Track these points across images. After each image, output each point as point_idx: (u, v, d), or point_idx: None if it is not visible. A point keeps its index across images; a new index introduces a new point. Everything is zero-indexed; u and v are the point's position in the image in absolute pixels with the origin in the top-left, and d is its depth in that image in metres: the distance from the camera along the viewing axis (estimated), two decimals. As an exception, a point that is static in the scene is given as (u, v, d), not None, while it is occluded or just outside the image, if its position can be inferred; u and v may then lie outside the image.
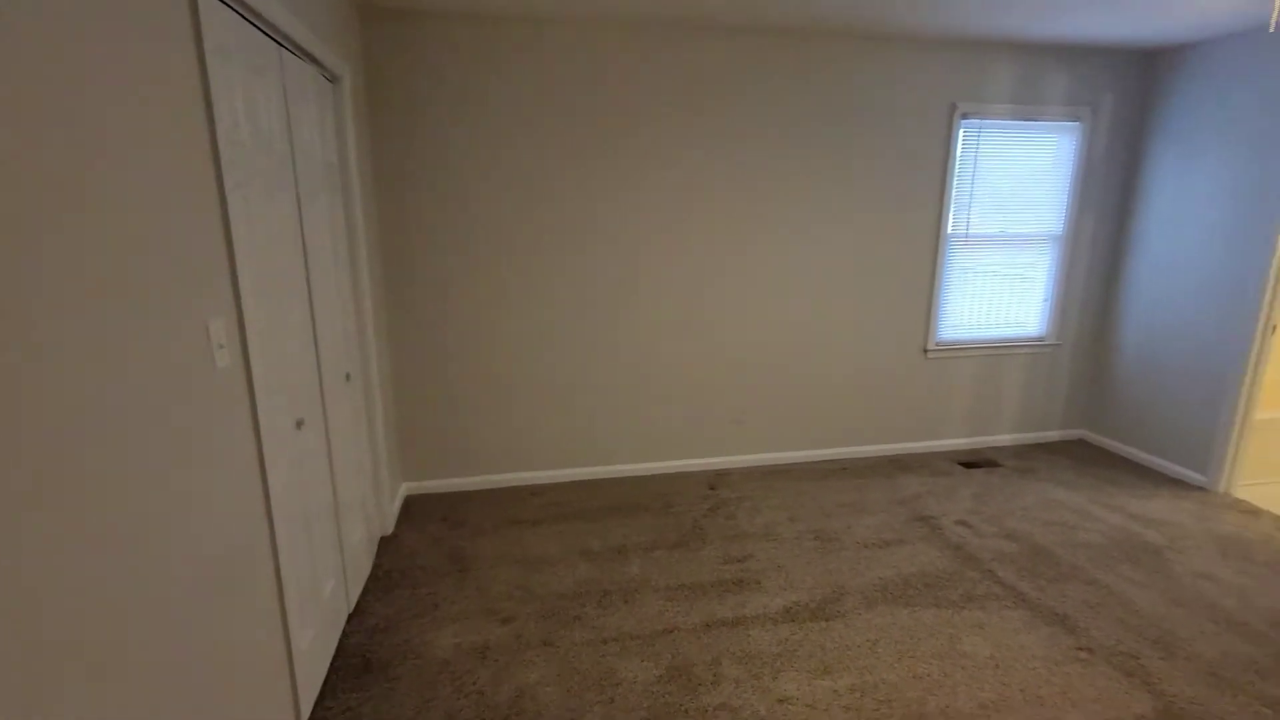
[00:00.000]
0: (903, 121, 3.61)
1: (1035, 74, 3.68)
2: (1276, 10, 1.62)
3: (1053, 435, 4.35)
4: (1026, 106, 3.71)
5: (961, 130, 3.68)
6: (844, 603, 2.58)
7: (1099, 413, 4.26)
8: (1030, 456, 4.09)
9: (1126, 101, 3.85)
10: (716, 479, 3.75)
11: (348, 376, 2.57)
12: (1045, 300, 4.10)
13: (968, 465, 3.96)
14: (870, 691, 2.11)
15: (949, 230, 3.82)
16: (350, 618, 2.47)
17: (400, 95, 3.08)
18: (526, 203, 3.32)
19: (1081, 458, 4.07)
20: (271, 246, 1.84)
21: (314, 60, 2.25)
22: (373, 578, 2.75)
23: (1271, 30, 3.06)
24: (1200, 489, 3.62)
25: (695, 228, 3.53)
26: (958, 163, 3.73)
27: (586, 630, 2.42)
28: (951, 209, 3.79)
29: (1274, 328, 3.37)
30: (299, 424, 1.99)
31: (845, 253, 3.74)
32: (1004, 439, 4.27)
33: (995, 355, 4.10)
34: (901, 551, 2.96)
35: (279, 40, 1.95)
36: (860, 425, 4.04)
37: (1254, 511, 3.36)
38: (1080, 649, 2.32)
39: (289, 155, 2.01)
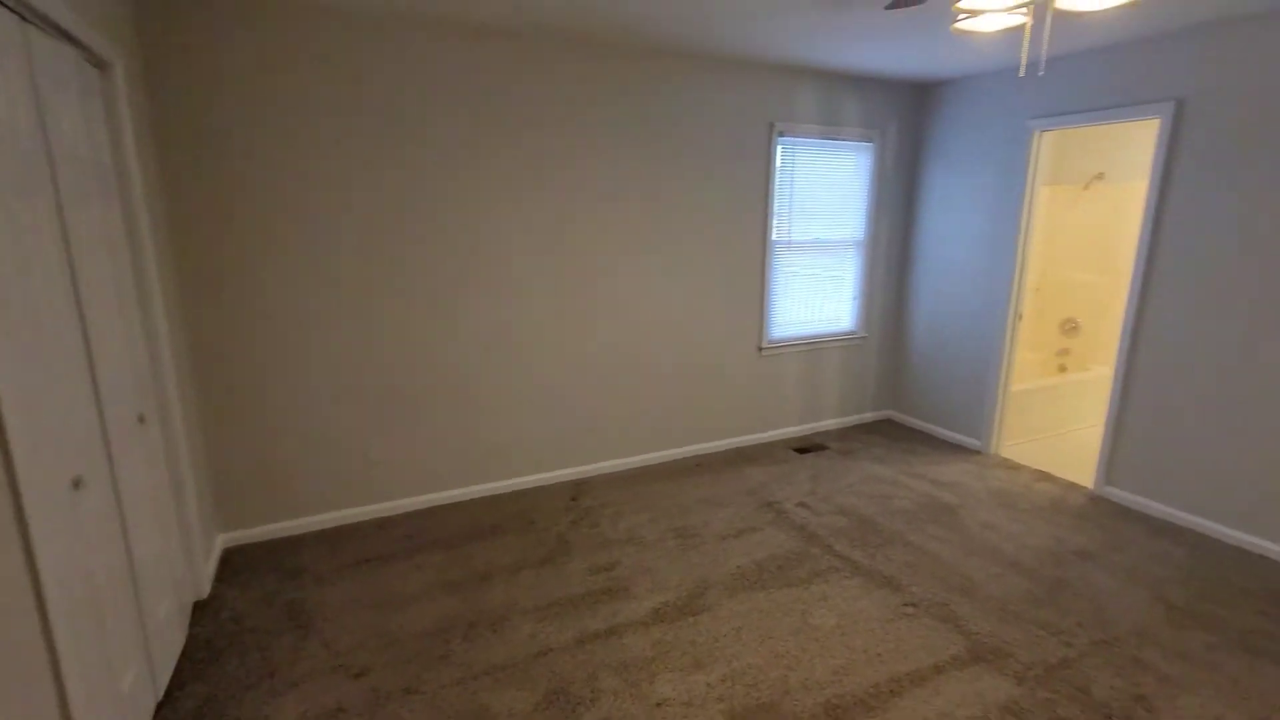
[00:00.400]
0: (732, 136, 3.88)
1: (836, 99, 4.15)
2: (1024, 57, 2.00)
3: (868, 417, 4.94)
4: (830, 127, 4.17)
5: (780, 146, 4.04)
6: (708, 596, 2.70)
7: (901, 394, 4.93)
8: (851, 438, 4.60)
9: (907, 126, 4.49)
10: (578, 489, 3.74)
11: (141, 418, 2.16)
12: (854, 299, 4.64)
13: (801, 451, 4.35)
14: (739, 678, 2.23)
15: (774, 237, 4.17)
16: (160, 707, 2.08)
17: (193, 87, 2.66)
18: (346, 211, 3.04)
19: (890, 435, 4.67)
20: (25, 264, 1.49)
21: (73, 40, 1.85)
22: (188, 652, 2.34)
23: (1021, 75, 3.73)
24: (978, 452, 4.33)
25: (543, 236, 3.48)
26: (777, 175, 4.08)
27: (454, 668, 2.27)
28: (775, 218, 4.14)
29: (1020, 315, 4.12)
30: (76, 483, 1.63)
31: (688, 260, 3.92)
32: (829, 424, 4.76)
33: (816, 349, 4.56)
34: (754, 539, 3.17)
35: (21, 13, 1.57)
36: (709, 422, 4.26)
37: (1015, 467, 4.10)
38: (906, 605, 2.65)
39: (44, 153, 1.64)
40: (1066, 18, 2.88)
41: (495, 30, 3.13)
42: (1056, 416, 4.71)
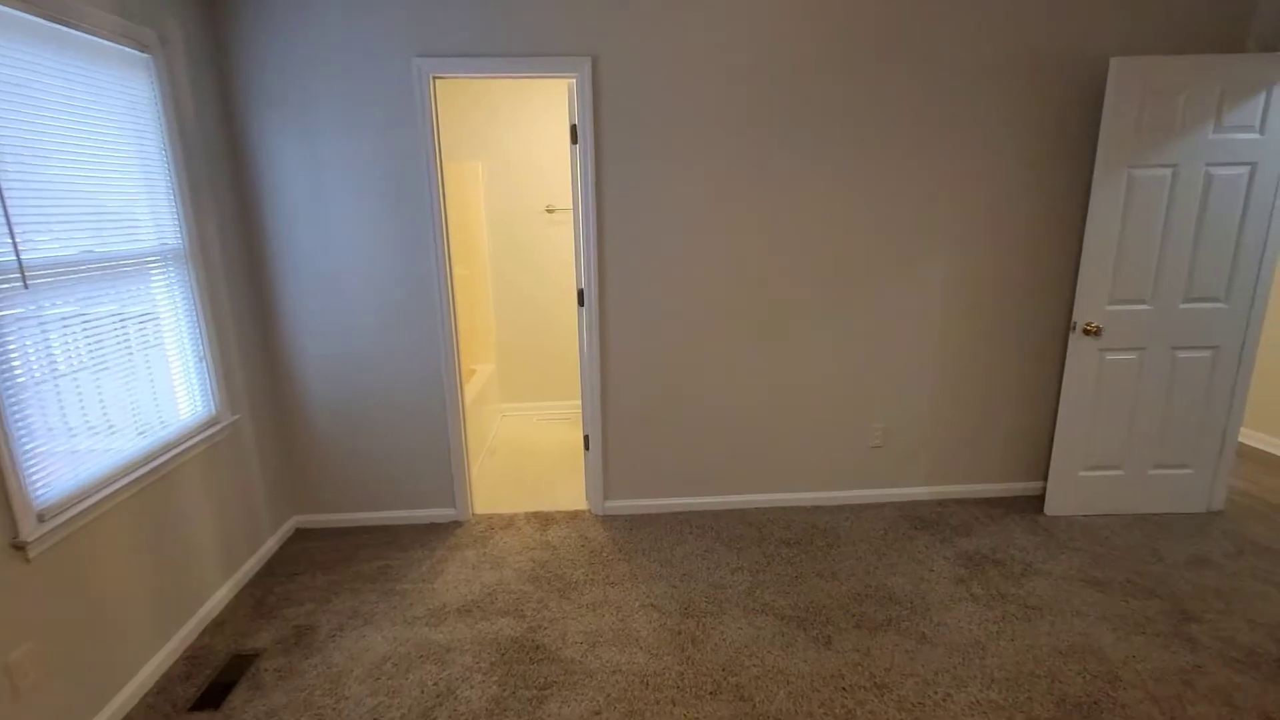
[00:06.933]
0: None
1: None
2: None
3: (270, 548, 2.89)
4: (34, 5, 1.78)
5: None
6: None
7: (307, 488, 3.09)
8: (268, 608, 2.54)
9: (199, 36, 2.49)
10: None
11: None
12: (199, 358, 2.45)
13: (193, 710, 2.06)
14: None
15: (-33, 259, 1.56)
16: None
17: None
18: None
19: (320, 561, 2.83)
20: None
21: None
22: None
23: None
24: (456, 524, 3.15)
25: None
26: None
27: None
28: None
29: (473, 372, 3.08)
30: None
31: None
32: (217, 599, 2.50)
33: (159, 476, 2.19)
34: None
35: None
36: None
37: (509, 522, 3.15)
38: None
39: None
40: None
41: None
42: (483, 433, 4.02)
